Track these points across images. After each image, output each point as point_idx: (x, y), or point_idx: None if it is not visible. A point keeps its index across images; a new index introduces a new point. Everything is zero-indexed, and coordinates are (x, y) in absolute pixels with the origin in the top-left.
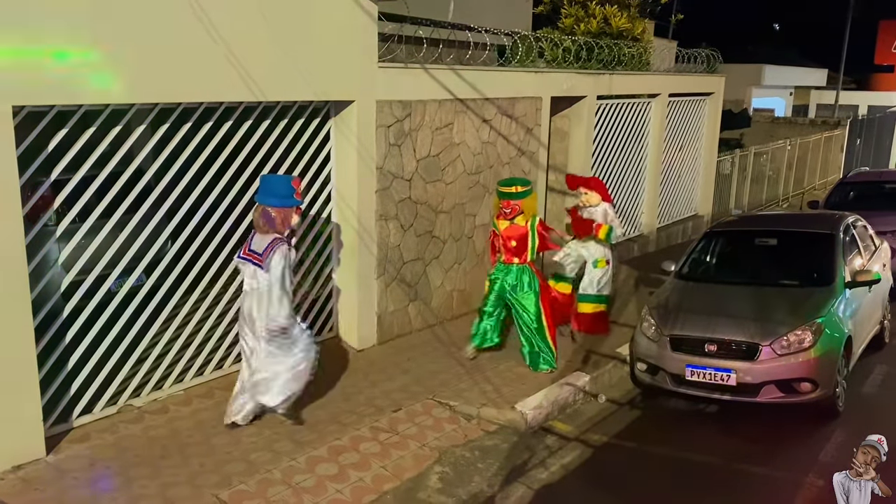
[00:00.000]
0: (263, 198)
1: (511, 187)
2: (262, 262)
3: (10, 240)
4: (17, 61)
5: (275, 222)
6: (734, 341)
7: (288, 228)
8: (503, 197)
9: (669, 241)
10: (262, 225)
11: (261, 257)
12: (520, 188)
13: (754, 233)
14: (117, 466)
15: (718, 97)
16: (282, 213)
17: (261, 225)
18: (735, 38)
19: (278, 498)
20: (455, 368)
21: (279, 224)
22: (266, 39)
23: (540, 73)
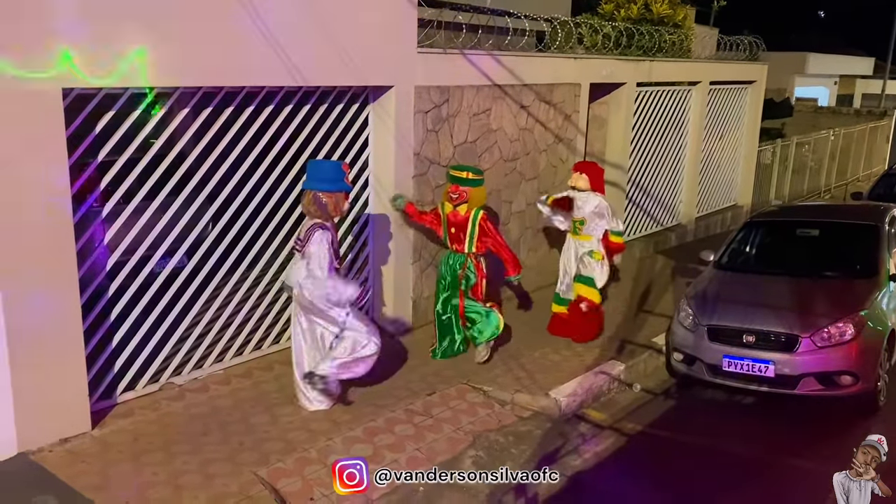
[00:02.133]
0: (314, 183)
1: (462, 172)
2: (302, 249)
3: (59, 219)
4: (68, 46)
5: (327, 208)
6: (773, 332)
7: (340, 214)
8: (452, 181)
9: (708, 232)
10: (313, 211)
11: (302, 243)
12: (471, 175)
13: (796, 223)
14: (160, 442)
15: (760, 86)
16: (333, 198)
17: (312, 211)
18: (778, 25)
19: (315, 476)
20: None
21: (332, 209)
22: (307, 24)
23: (579, 60)
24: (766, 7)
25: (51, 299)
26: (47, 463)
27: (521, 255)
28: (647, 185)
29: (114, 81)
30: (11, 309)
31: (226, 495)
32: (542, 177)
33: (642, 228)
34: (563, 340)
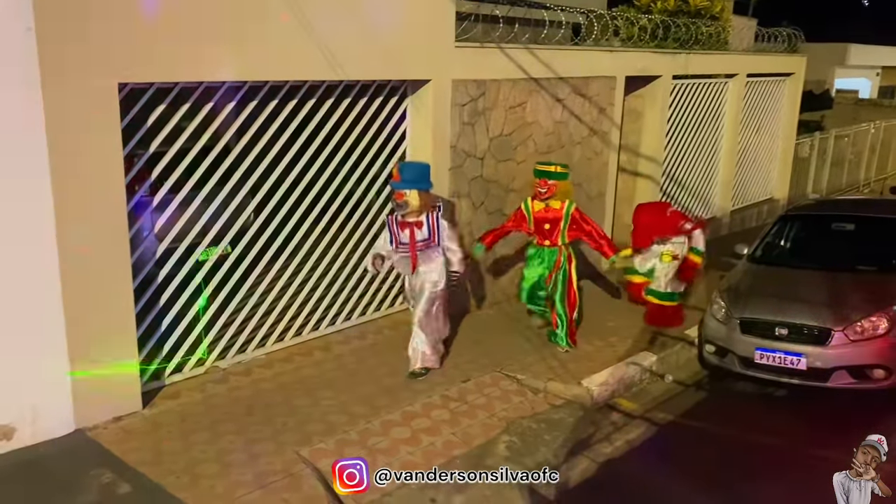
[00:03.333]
0: (424, 184)
1: (550, 166)
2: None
3: (114, 208)
4: (123, 42)
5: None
6: (806, 325)
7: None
8: (540, 176)
9: (743, 225)
10: (423, 207)
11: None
12: (559, 168)
13: (832, 217)
14: (206, 422)
15: (799, 78)
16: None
17: (423, 207)
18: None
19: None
20: (522, 344)
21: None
22: (348, 19)
23: (615, 53)
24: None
25: (106, 284)
26: (102, 439)
27: None
28: (682, 178)
29: (164, 76)
30: (70, 293)
31: (270, 472)
32: (576, 169)
33: None
34: (595, 331)
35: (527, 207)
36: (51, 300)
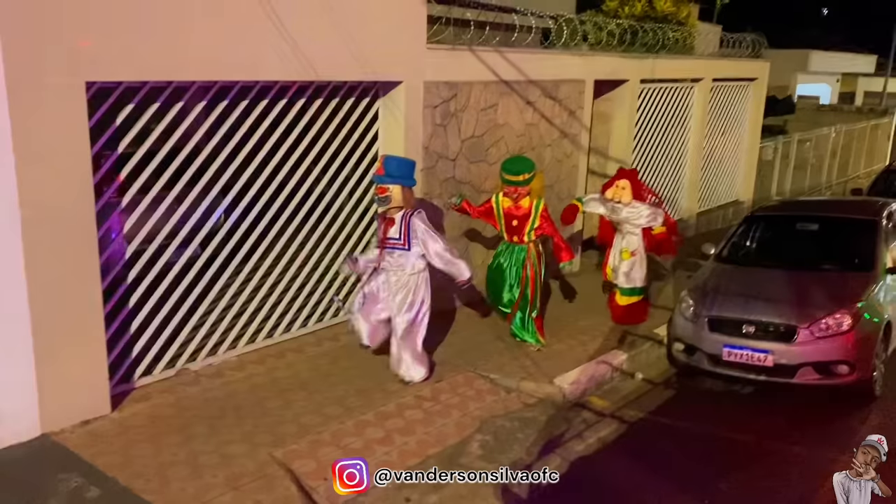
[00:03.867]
0: (408, 180)
1: (518, 175)
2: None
3: (82, 209)
4: (91, 39)
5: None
6: (772, 323)
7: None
8: (509, 184)
9: (710, 226)
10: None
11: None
12: (527, 175)
13: (796, 218)
14: (177, 424)
15: (763, 83)
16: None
17: (407, 202)
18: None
19: (328, 458)
20: (495, 343)
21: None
22: (321, 20)
23: (584, 57)
24: (769, 4)
25: (73, 286)
26: (69, 443)
27: None
28: (650, 181)
29: (132, 75)
30: (36, 295)
31: (243, 474)
32: (547, 171)
33: None
34: (566, 330)
35: (497, 202)
36: (16, 302)
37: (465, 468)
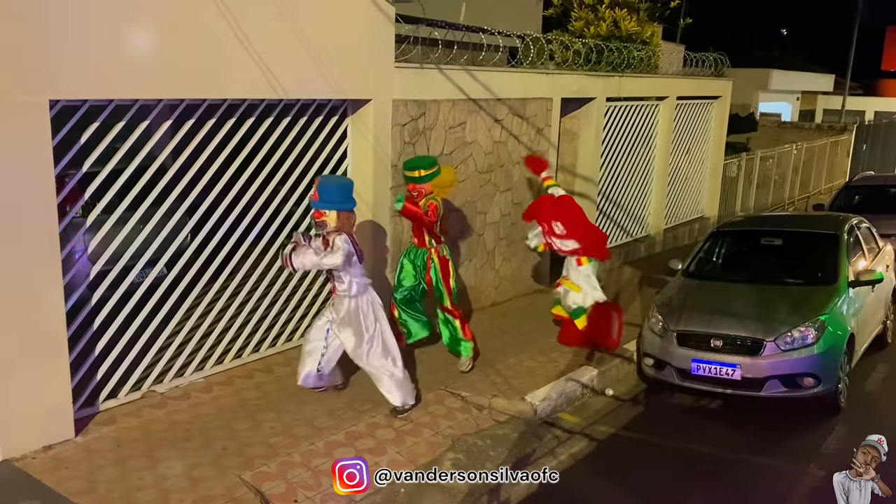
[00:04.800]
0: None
1: (413, 171)
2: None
3: (45, 229)
4: (53, 58)
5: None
6: (739, 337)
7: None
8: (408, 181)
9: (676, 243)
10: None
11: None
12: (422, 172)
13: (760, 233)
14: (143, 448)
15: (726, 101)
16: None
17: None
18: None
19: (299, 479)
20: None
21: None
22: (288, 38)
23: (551, 75)
24: (731, 25)
25: (36, 307)
26: (32, 469)
27: (495, 264)
28: (617, 197)
29: (97, 93)
30: None
31: (211, 498)
32: (515, 188)
33: (612, 240)
34: (536, 347)
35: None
36: None
37: (437, 487)
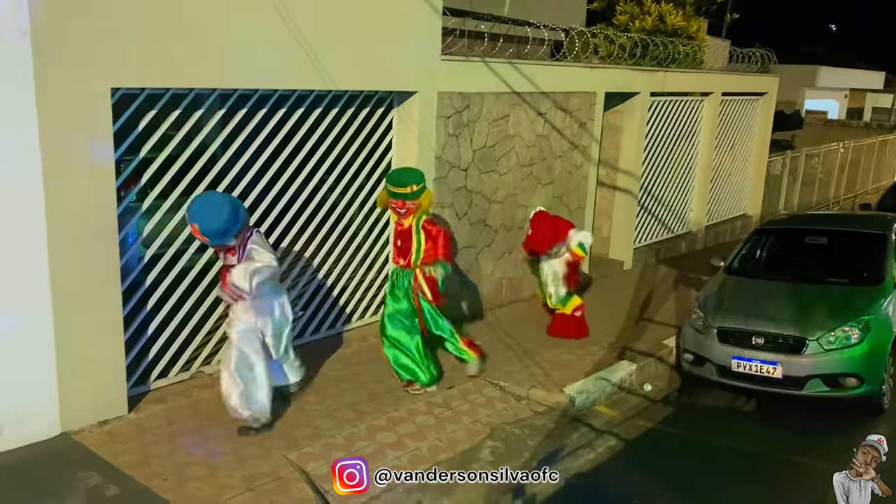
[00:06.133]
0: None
1: (405, 187)
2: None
3: (104, 212)
4: (115, 48)
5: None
6: (781, 335)
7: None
8: (395, 197)
9: (717, 240)
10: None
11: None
12: (415, 187)
13: (805, 231)
14: (193, 426)
15: (771, 98)
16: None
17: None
18: (790, 38)
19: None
20: (505, 352)
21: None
22: (339, 30)
23: (595, 69)
24: (778, 19)
25: (94, 289)
26: (88, 442)
27: None
28: (659, 193)
29: (155, 82)
30: (58, 297)
31: (258, 476)
32: (556, 182)
33: (653, 235)
34: (576, 342)
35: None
36: (40, 302)
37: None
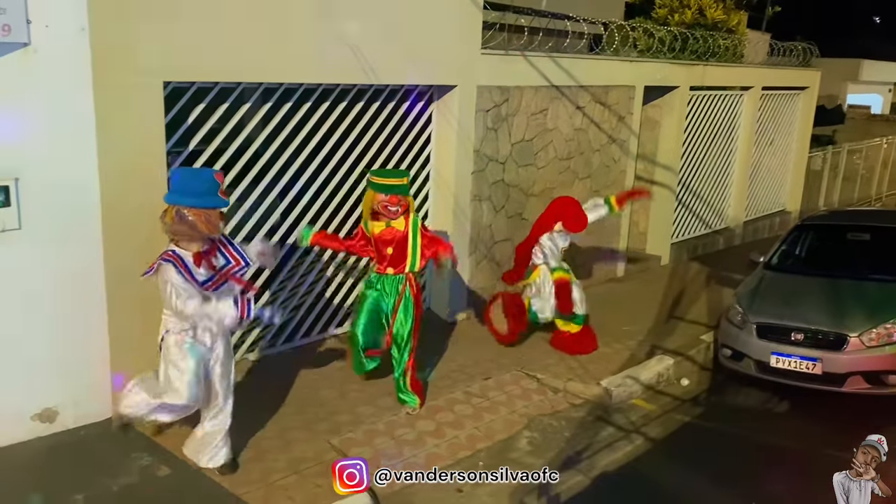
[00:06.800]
0: (178, 196)
1: (401, 178)
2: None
3: (157, 201)
4: (167, 43)
5: (195, 226)
6: (822, 331)
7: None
8: (391, 191)
9: (756, 236)
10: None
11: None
12: (406, 179)
13: (847, 227)
14: (238, 411)
15: (813, 92)
16: (202, 214)
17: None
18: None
19: (383, 447)
20: (542, 345)
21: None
22: (382, 25)
23: (634, 63)
24: (820, 12)
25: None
26: (138, 425)
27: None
28: (697, 188)
29: (204, 76)
30: (112, 283)
31: (303, 459)
32: (594, 176)
33: (690, 231)
34: (612, 334)
35: (367, 229)
36: (94, 290)
37: (515, 463)
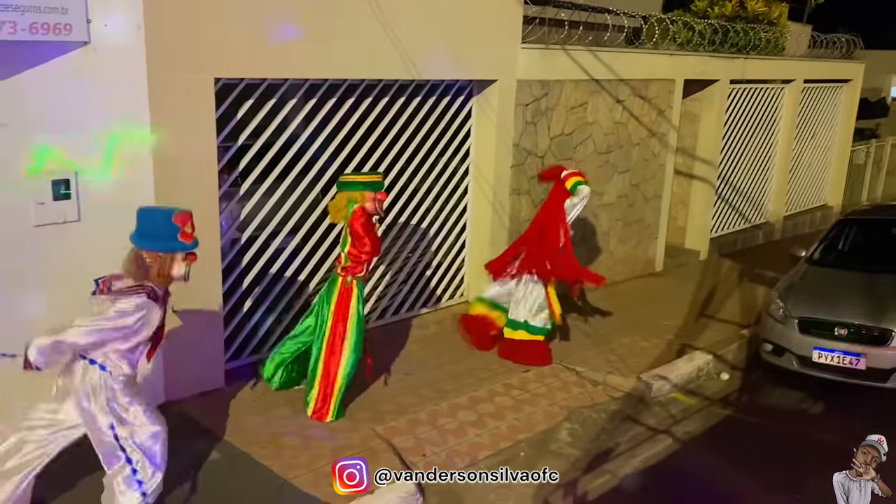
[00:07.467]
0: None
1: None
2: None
3: (207, 195)
4: (218, 40)
5: (149, 271)
6: (865, 326)
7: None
8: (380, 188)
9: (796, 231)
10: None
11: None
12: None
13: (890, 222)
14: (284, 399)
15: (856, 85)
16: (158, 259)
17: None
18: (876, 22)
19: (426, 436)
20: (580, 338)
21: (154, 275)
22: (423, 21)
23: (674, 56)
24: (864, 3)
25: (198, 269)
26: (190, 411)
27: (609, 245)
28: (737, 182)
29: (253, 73)
30: None
31: (348, 447)
32: (633, 170)
33: (730, 225)
34: (651, 328)
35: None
36: None
37: (556, 454)
